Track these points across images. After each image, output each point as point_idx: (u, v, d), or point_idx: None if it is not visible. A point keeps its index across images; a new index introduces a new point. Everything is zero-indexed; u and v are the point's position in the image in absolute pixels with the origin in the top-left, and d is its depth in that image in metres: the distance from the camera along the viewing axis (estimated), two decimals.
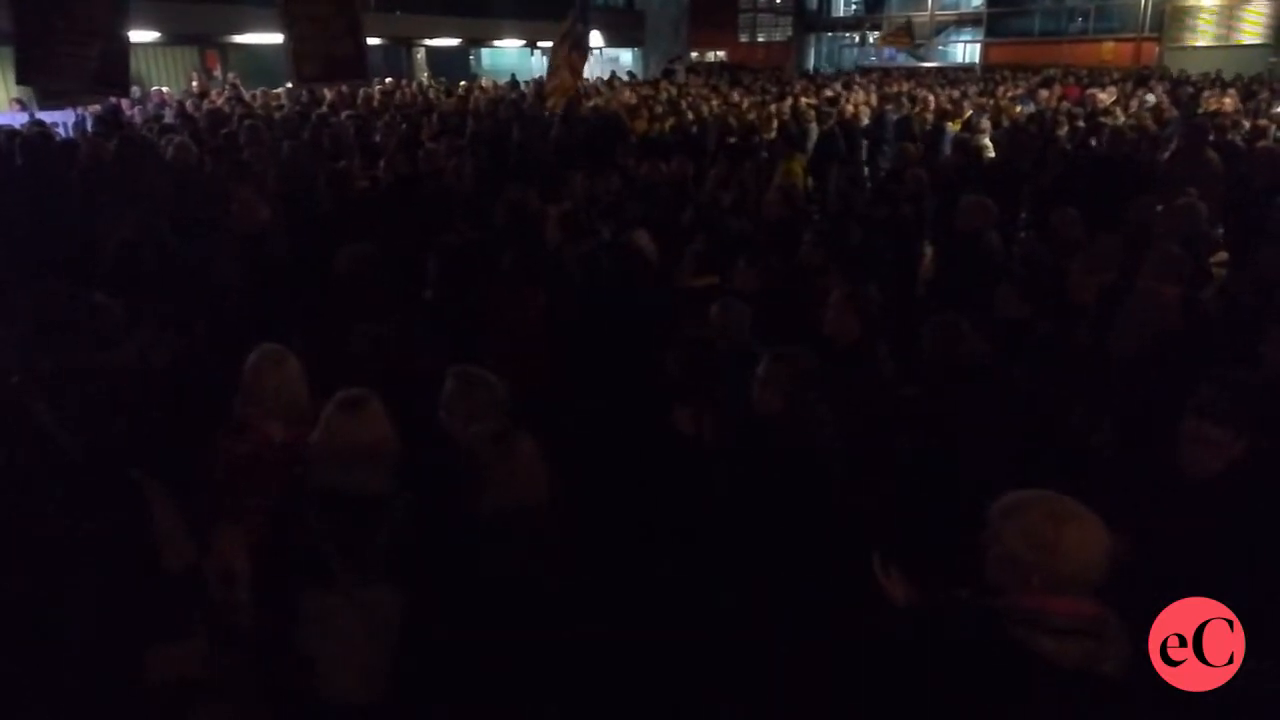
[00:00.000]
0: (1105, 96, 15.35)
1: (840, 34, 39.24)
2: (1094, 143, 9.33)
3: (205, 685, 2.59)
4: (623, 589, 2.89)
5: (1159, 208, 5.91)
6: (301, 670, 2.52)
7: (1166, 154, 8.14)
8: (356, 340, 3.64)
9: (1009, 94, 16.60)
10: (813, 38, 39.42)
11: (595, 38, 27.87)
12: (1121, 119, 11.86)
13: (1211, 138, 7.98)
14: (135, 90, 12.92)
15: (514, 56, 29.58)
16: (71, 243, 5.36)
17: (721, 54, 36.86)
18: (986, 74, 25.05)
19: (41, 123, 9.25)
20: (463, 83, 19.49)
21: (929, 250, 6.91)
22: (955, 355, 3.57)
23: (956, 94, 15.82)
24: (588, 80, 15.77)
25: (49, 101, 8.17)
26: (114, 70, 8.10)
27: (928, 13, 34.69)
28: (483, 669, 2.45)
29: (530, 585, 2.50)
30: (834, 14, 39.09)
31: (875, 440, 3.37)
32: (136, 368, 3.65)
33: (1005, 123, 11.80)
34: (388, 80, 17.87)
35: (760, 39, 39.51)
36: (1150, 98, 15.10)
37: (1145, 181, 7.11)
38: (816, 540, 2.85)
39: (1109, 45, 29.80)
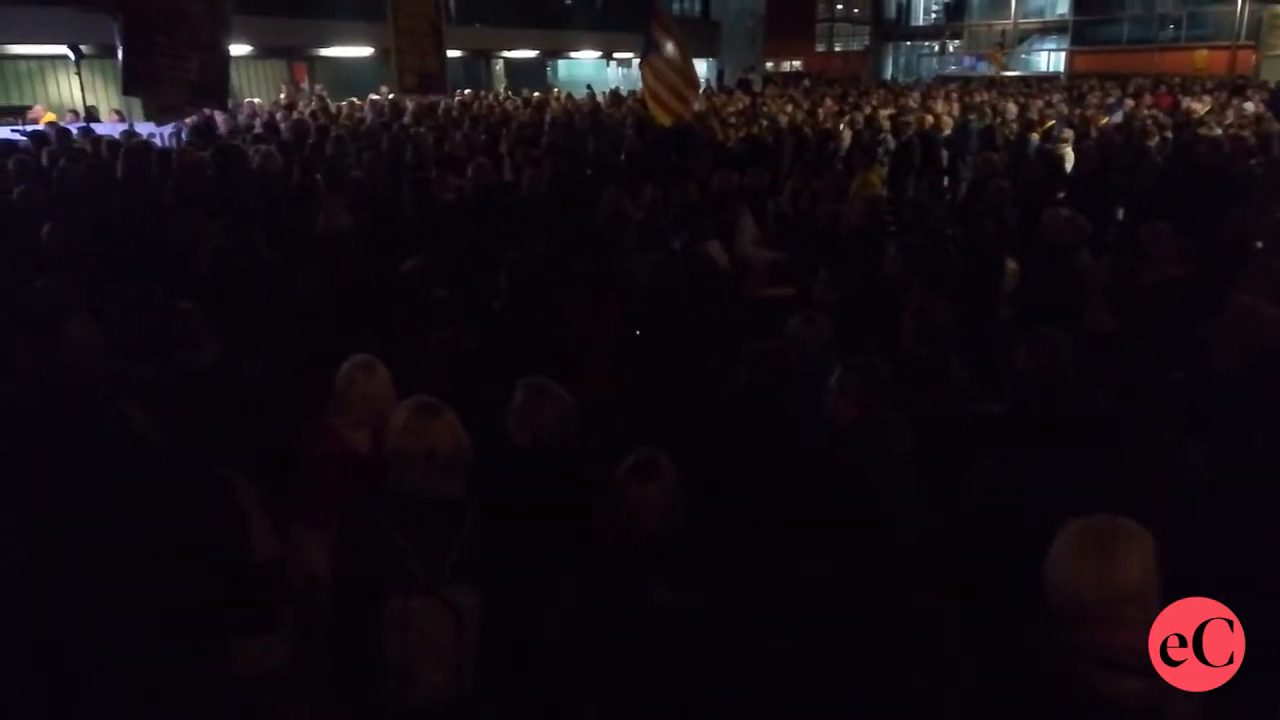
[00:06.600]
0: (1200, 107, 14.78)
1: (919, 43, 38.68)
2: (1190, 154, 8.97)
3: (288, 680, 2.65)
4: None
5: (1254, 221, 5.67)
6: (383, 673, 2.55)
7: (1263, 166, 7.81)
8: (433, 348, 3.68)
9: (1096, 103, 16.11)
10: (890, 47, 38.95)
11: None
12: (1218, 130, 11.38)
13: None
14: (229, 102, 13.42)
15: (590, 67, 29.88)
16: (167, 250, 5.55)
17: (797, 63, 36.65)
18: (1072, 83, 24.38)
19: (135, 133, 9.62)
20: (536, 93, 19.71)
21: (1011, 265, 6.70)
22: (1050, 372, 3.41)
23: (1041, 103, 15.40)
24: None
25: (156, 118, 8.51)
26: (213, 84, 8.41)
27: (1010, 20, 33.98)
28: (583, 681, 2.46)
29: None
30: (913, 23, 38.57)
31: (948, 456, 3.28)
32: (224, 371, 3.77)
33: (1093, 133, 11.44)
34: (466, 92, 18.20)
35: (837, 48, 39.19)
36: (1249, 106, 14.45)
37: (1240, 194, 6.82)
38: (883, 555, 2.79)
39: (1202, 54, 28.74)
